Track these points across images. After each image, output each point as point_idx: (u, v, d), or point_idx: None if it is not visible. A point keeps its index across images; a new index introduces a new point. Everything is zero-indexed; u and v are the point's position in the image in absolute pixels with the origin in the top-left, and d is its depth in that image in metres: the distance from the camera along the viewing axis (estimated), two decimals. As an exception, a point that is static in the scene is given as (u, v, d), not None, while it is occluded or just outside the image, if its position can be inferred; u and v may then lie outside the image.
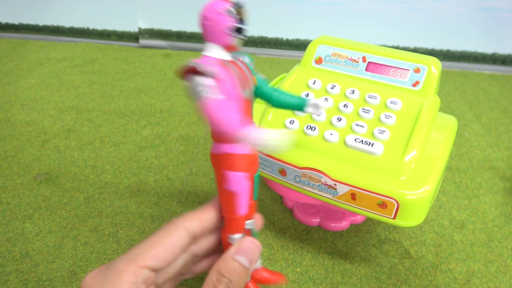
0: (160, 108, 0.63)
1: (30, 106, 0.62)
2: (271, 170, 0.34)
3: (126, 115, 0.61)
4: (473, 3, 0.82)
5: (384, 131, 0.32)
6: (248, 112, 0.26)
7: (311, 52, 0.38)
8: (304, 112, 0.29)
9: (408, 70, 0.35)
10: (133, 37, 0.93)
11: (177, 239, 0.25)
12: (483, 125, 0.62)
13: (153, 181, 0.47)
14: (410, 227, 0.41)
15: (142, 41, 0.92)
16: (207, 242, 0.28)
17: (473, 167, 0.52)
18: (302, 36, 0.89)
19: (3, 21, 0.95)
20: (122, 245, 0.38)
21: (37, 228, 0.40)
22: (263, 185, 0.47)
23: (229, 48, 0.24)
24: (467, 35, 0.85)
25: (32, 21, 0.94)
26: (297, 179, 0.33)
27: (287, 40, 0.90)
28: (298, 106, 0.29)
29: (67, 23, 0.94)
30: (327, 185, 0.32)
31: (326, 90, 0.36)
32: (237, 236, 0.27)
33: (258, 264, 0.31)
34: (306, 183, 0.33)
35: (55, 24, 0.94)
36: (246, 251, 0.25)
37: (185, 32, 0.92)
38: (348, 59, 0.37)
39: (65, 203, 0.43)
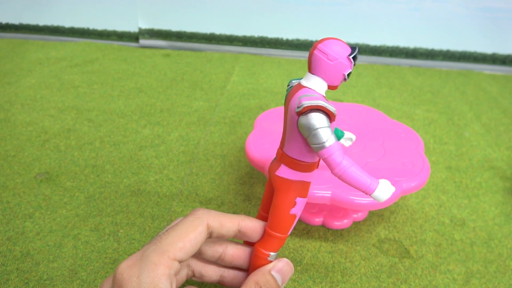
0: (160, 108, 0.63)
1: (30, 106, 0.62)
2: None
3: (126, 114, 0.61)
4: (473, 3, 0.82)
5: None
6: None
7: None
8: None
9: None
10: (133, 37, 0.93)
11: (200, 233, 0.25)
12: (483, 125, 0.62)
13: (153, 180, 0.47)
14: (410, 226, 0.41)
15: (142, 41, 0.92)
16: (212, 250, 0.29)
17: (473, 166, 0.52)
18: (302, 36, 0.89)
19: (3, 21, 0.95)
20: (123, 244, 0.38)
21: (38, 227, 0.40)
22: (262, 184, 0.47)
23: (332, 88, 0.24)
24: (467, 35, 0.85)
25: (32, 21, 0.94)
26: None
27: (287, 40, 0.90)
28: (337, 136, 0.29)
29: (67, 23, 0.94)
30: None
31: None
32: (275, 254, 0.28)
33: None
34: None
35: (55, 24, 0.94)
36: (281, 270, 0.27)
37: (185, 32, 0.92)
38: None
39: (66, 203, 0.43)
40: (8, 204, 0.42)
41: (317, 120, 0.23)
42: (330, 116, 0.23)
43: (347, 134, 0.32)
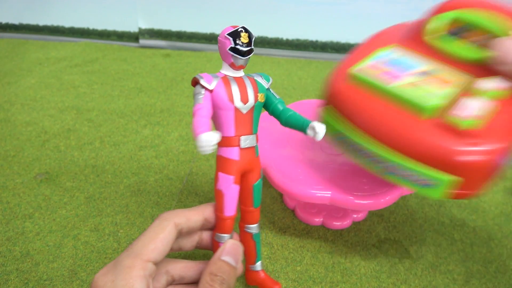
0: (160, 108, 0.63)
1: (30, 106, 0.62)
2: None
3: (126, 115, 0.61)
4: (473, 3, 0.82)
5: None
6: (242, 122, 0.29)
7: None
8: (305, 133, 0.30)
9: None
10: (133, 37, 0.93)
11: (169, 232, 0.27)
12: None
13: (153, 180, 0.47)
14: (410, 226, 0.42)
15: (142, 41, 0.92)
16: (190, 241, 0.30)
17: (473, 166, 0.52)
18: (302, 36, 0.89)
19: (3, 21, 0.95)
20: (123, 244, 0.38)
21: (38, 228, 0.40)
22: (263, 185, 0.47)
23: (233, 66, 0.29)
24: (467, 35, 0.85)
25: (32, 21, 0.94)
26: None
27: (287, 40, 0.90)
28: (300, 127, 0.30)
29: (67, 23, 0.94)
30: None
31: None
32: (223, 235, 0.30)
33: (258, 266, 0.32)
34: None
35: (55, 24, 0.94)
36: (231, 252, 0.28)
37: (185, 32, 0.92)
38: None
39: (66, 203, 0.43)
40: (8, 204, 0.42)
41: (195, 89, 0.29)
42: (202, 86, 0.28)
43: (313, 124, 0.30)
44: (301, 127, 0.30)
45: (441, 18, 0.31)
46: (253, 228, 0.32)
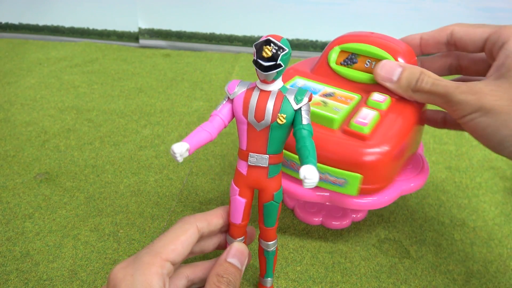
0: (160, 108, 0.63)
1: (30, 106, 0.62)
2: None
3: (126, 115, 0.61)
4: (473, 3, 0.82)
5: None
6: (254, 139, 0.28)
7: None
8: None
9: None
10: (133, 37, 0.93)
11: (190, 236, 0.28)
12: (483, 125, 0.62)
13: (153, 180, 0.47)
14: (410, 226, 0.41)
15: (142, 41, 0.92)
16: (211, 243, 0.31)
17: (473, 166, 0.52)
18: (302, 36, 0.89)
19: (3, 21, 0.95)
20: (123, 245, 0.38)
21: (38, 228, 0.40)
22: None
23: (259, 78, 0.26)
24: (467, 35, 0.85)
25: (32, 21, 0.94)
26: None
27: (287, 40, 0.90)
28: (301, 162, 0.26)
29: (67, 23, 0.94)
30: None
31: None
32: (233, 240, 0.30)
33: (267, 282, 0.33)
34: None
35: (55, 24, 0.94)
36: (236, 254, 0.29)
37: (185, 32, 0.92)
38: None
39: (66, 203, 0.43)
40: (8, 204, 0.42)
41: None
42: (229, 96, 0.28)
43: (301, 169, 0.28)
44: (301, 161, 0.26)
45: (334, 51, 0.39)
46: (264, 244, 0.31)
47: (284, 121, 0.26)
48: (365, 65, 0.38)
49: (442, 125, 0.39)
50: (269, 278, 0.33)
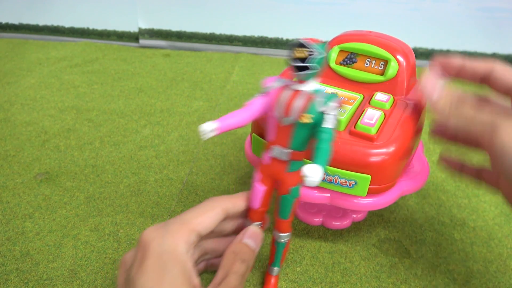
0: (160, 108, 0.63)
1: (30, 106, 0.62)
2: None
3: (126, 114, 0.61)
4: (473, 3, 0.82)
5: None
6: (279, 132, 0.29)
7: None
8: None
9: None
10: (133, 37, 0.93)
11: (217, 213, 0.29)
12: (483, 125, 0.62)
13: (153, 180, 0.47)
14: (410, 226, 0.41)
15: (142, 41, 0.92)
16: (231, 225, 0.33)
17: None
18: (302, 36, 0.89)
19: (3, 21, 0.95)
20: (123, 244, 0.38)
21: (38, 227, 0.40)
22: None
23: (293, 78, 0.28)
24: (467, 35, 0.85)
25: (32, 21, 0.94)
26: None
27: (287, 40, 0.90)
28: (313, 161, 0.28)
29: (67, 23, 0.94)
30: None
31: None
32: (251, 223, 0.32)
33: (273, 270, 0.34)
34: None
35: (55, 24, 0.94)
36: (252, 236, 0.30)
37: (185, 32, 0.92)
38: None
39: (66, 203, 0.43)
40: (8, 204, 0.42)
41: None
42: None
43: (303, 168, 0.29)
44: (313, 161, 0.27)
45: (333, 50, 0.39)
46: (277, 235, 0.32)
47: (309, 121, 0.27)
48: (365, 65, 0.38)
49: (476, 178, 0.37)
50: (275, 267, 0.34)
